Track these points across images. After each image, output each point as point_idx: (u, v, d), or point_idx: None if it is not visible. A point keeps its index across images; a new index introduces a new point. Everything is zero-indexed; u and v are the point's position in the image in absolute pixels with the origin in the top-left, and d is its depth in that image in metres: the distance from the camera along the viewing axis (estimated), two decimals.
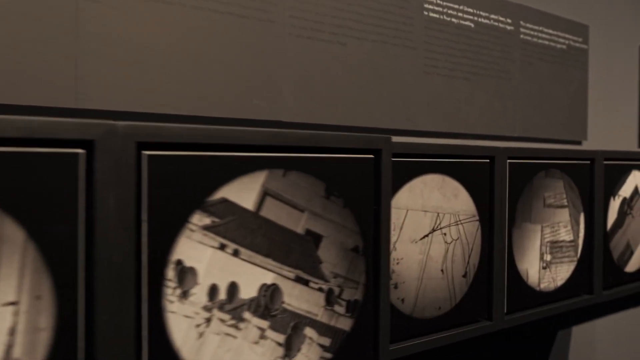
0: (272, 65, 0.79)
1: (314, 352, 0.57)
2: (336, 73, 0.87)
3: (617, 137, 1.41)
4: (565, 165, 0.96)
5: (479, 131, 1.09)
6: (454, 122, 1.05)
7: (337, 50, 0.87)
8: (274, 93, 0.80)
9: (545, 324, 1.21)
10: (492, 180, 0.84)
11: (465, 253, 0.81)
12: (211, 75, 0.74)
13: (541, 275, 0.93)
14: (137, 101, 0.67)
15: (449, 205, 0.79)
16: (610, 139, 1.39)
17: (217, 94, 0.74)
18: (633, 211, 1.10)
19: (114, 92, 0.66)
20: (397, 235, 0.74)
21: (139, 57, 0.67)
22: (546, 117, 1.22)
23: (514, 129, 1.16)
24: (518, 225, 0.89)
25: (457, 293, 0.81)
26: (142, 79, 0.68)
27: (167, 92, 0.70)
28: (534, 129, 1.20)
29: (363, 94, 0.90)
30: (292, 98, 0.82)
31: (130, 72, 0.67)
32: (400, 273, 0.74)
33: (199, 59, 0.72)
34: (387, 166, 0.62)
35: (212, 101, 0.73)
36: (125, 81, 0.66)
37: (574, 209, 0.98)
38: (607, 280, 1.05)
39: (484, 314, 0.85)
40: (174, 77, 0.70)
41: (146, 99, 0.68)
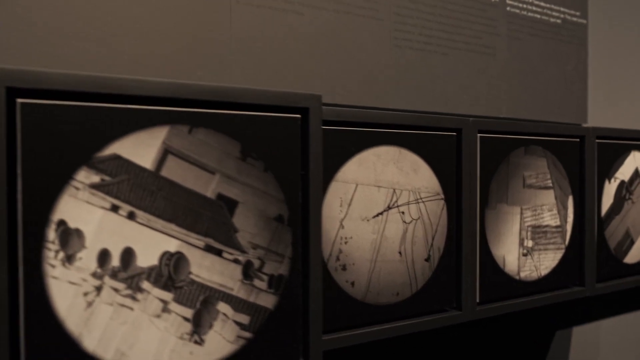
0: (217, 36, 0.75)
1: (229, 330, 0.51)
2: (292, 46, 0.82)
3: (624, 120, 1.32)
4: (550, 143, 0.88)
5: (459, 111, 1.02)
6: (429, 100, 0.98)
7: (292, 20, 0.81)
8: (220, 65, 0.75)
9: (533, 319, 1.12)
10: (459, 156, 0.77)
11: (428, 234, 0.75)
12: (153, 46, 0.69)
13: (521, 262, 0.85)
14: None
15: (407, 181, 0.73)
16: (616, 122, 1.30)
17: (160, 65, 0.69)
18: (633, 196, 1.01)
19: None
20: (345, 212, 0.67)
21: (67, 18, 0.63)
22: (538, 97, 1.14)
23: (500, 109, 1.08)
24: (492, 206, 0.81)
25: (419, 278, 0.74)
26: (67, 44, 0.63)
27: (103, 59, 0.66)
28: (524, 110, 1.12)
29: (323, 69, 0.85)
30: (241, 72, 0.77)
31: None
32: (350, 254, 0.68)
33: (140, 27, 0.68)
34: (316, 128, 0.56)
35: (155, 74, 0.69)
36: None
37: (560, 191, 0.90)
38: (603, 272, 0.96)
39: (452, 302, 0.78)
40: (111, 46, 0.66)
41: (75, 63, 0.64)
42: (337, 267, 0.67)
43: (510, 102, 1.10)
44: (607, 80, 1.30)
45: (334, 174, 0.67)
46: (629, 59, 1.36)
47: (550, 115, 1.16)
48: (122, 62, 0.67)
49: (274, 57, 0.80)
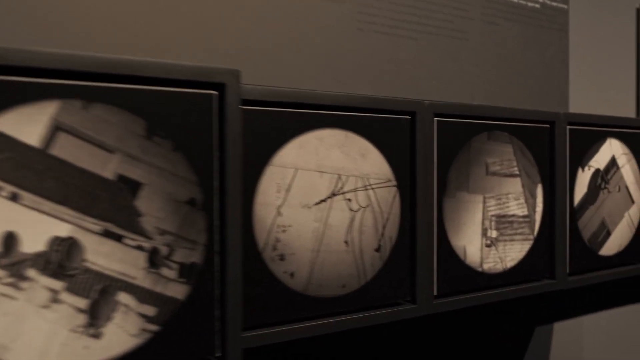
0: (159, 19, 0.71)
1: (131, 323, 0.47)
2: (250, 28, 0.78)
3: (608, 108, 1.26)
4: (516, 128, 0.84)
5: (428, 97, 0.97)
6: (397, 87, 0.94)
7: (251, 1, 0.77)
8: (159, 49, 0.71)
9: (510, 314, 1.07)
10: (413, 141, 0.73)
11: (378, 223, 0.70)
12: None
13: (484, 254, 0.80)
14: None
15: (354, 166, 0.68)
16: (599, 110, 1.24)
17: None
18: (609, 186, 0.96)
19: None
20: (282, 199, 0.63)
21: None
22: (515, 85, 1.09)
23: (472, 97, 1.03)
24: (451, 194, 0.77)
25: (368, 269, 0.69)
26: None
27: None
28: (499, 98, 1.07)
29: (281, 52, 0.81)
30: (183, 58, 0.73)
31: None
32: (288, 243, 0.64)
33: None
34: (234, 105, 0.52)
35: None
36: None
37: (528, 179, 0.85)
38: (577, 265, 0.91)
39: (406, 295, 0.73)
40: None
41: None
42: (273, 257, 0.62)
43: (485, 90, 1.05)
44: (590, 67, 1.25)
45: (270, 157, 0.62)
46: (612, 44, 1.31)
47: (528, 104, 1.12)
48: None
49: (228, 38, 0.76)
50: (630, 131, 1.00)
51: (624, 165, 0.99)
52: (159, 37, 0.72)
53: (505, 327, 1.07)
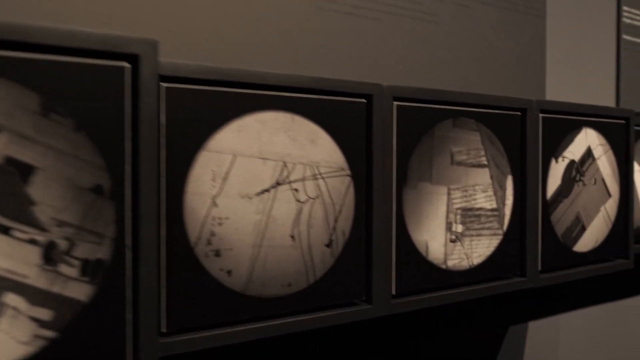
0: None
1: (21, 328, 0.41)
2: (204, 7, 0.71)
3: (588, 99, 1.21)
4: (484, 115, 0.78)
5: (394, 83, 0.91)
6: (360, 71, 0.88)
7: None
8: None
9: (481, 313, 1.02)
10: (370, 127, 0.67)
11: (329, 216, 0.64)
12: None
13: (448, 250, 0.74)
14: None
15: (302, 153, 0.62)
16: (577, 98, 1.19)
17: None
18: (584, 178, 0.91)
19: None
20: (218, 188, 0.57)
21: None
22: (489, 72, 1.04)
23: (444, 83, 0.98)
24: (412, 185, 0.71)
25: (318, 266, 0.64)
26: None
27: None
28: (471, 84, 1.02)
29: (226, 28, 0.74)
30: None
31: None
32: (226, 237, 0.57)
33: None
34: (149, 80, 0.45)
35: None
36: None
37: (497, 170, 0.80)
38: (549, 261, 0.86)
39: (361, 294, 0.67)
40: None
41: None
42: (207, 253, 0.56)
43: (455, 75, 0.99)
44: (568, 55, 1.19)
45: (204, 142, 0.56)
46: (592, 31, 1.26)
47: (503, 92, 1.06)
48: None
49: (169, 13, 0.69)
50: (607, 121, 0.95)
51: (600, 157, 0.94)
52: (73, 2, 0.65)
53: (477, 328, 1.02)
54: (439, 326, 0.95)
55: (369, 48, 0.89)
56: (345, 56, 0.86)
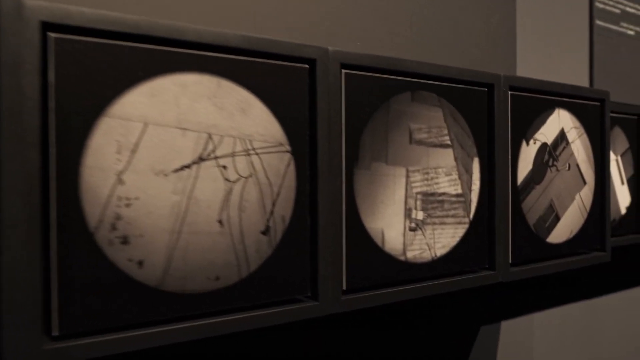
0: None
1: None
2: None
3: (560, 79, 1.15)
4: (447, 89, 0.70)
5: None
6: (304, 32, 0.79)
7: None
8: None
9: (450, 311, 0.94)
10: (314, 96, 0.58)
11: (265, 198, 0.55)
12: None
13: (408, 239, 0.66)
14: None
15: (231, 124, 0.53)
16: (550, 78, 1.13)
17: None
18: (558, 163, 0.84)
19: None
20: (125, 162, 0.47)
21: None
22: (455, 50, 0.96)
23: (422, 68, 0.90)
24: (364, 165, 0.62)
25: (252, 257, 0.54)
26: None
27: None
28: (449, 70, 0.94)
29: None
30: None
31: None
32: (134, 221, 0.48)
33: None
34: (8, 26, 0.36)
35: None
36: None
37: (461, 151, 0.72)
38: (520, 253, 0.78)
39: (305, 290, 0.58)
40: None
41: None
42: (112, 240, 0.47)
43: (420, 56, 0.91)
44: (539, 34, 1.13)
45: (106, 106, 0.47)
46: (564, 9, 1.20)
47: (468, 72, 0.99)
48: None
49: None
50: (582, 102, 0.88)
51: (575, 141, 0.86)
52: None
53: (443, 328, 0.94)
54: (399, 326, 0.86)
55: (316, 8, 0.80)
56: (287, 17, 0.77)
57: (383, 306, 0.65)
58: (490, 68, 1.02)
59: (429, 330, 0.91)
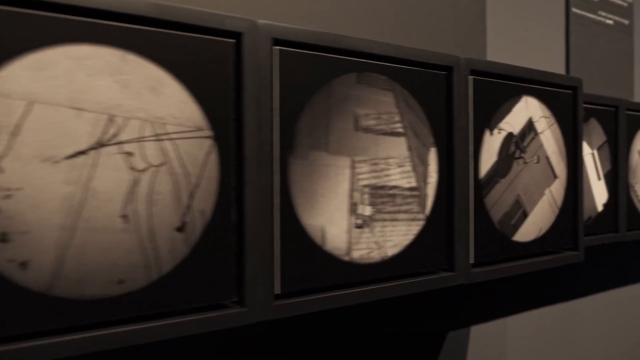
0: None
1: None
2: None
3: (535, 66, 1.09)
4: (400, 72, 0.64)
5: None
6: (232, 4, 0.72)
7: None
8: None
9: (414, 317, 0.87)
10: (240, 75, 0.52)
11: (181, 190, 0.48)
12: None
13: (354, 237, 0.60)
14: None
15: (138, 105, 0.46)
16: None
17: None
18: (525, 155, 0.78)
19: None
20: (4, 146, 0.40)
21: None
22: (419, 34, 0.90)
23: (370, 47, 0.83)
24: (301, 154, 0.56)
25: (165, 258, 0.48)
26: None
27: None
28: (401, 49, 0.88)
29: None
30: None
31: None
32: (17, 215, 0.41)
33: None
34: None
35: None
36: None
37: (416, 140, 0.65)
38: (483, 253, 0.72)
39: (229, 294, 0.52)
40: None
41: None
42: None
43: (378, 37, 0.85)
44: (511, 19, 1.07)
45: None
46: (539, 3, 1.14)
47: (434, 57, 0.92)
48: None
49: None
50: (552, 90, 0.82)
51: (544, 131, 0.81)
52: None
53: (408, 333, 0.88)
54: (354, 334, 0.80)
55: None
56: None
57: (334, 311, 0.59)
58: (458, 54, 0.96)
59: (389, 336, 0.85)
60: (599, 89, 1.22)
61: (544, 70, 0.82)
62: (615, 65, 1.28)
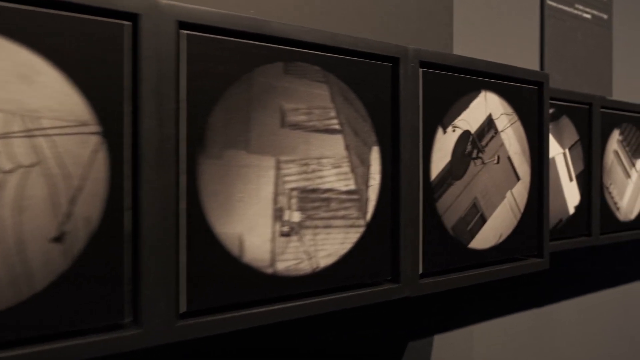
0: None
1: None
2: None
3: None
4: (336, 62, 0.57)
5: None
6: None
7: None
8: None
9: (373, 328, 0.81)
10: (136, 63, 0.45)
11: (59, 195, 0.42)
12: None
13: (278, 247, 0.53)
14: None
15: (5, 95, 0.40)
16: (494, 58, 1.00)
17: None
18: (484, 155, 0.72)
19: None
20: None
21: None
22: (380, 26, 0.84)
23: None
24: (214, 153, 0.49)
25: (38, 273, 0.41)
26: None
27: None
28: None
29: None
30: None
31: None
32: None
33: None
34: None
35: None
36: None
37: (355, 138, 0.59)
38: (434, 262, 0.66)
39: (122, 314, 0.45)
40: None
41: None
42: None
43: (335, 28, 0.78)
44: (479, 11, 1.01)
45: None
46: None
47: None
48: None
49: None
50: (515, 85, 0.76)
51: (506, 129, 0.74)
52: None
53: (365, 344, 0.81)
54: (292, 349, 0.73)
55: None
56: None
57: (269, 327, 0.52)
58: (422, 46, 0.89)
59: (341, 349, 0.78)
60: (575, 86, 1.16)
61: (515, 65, 0.76)
62: (593, 62, 1.22)
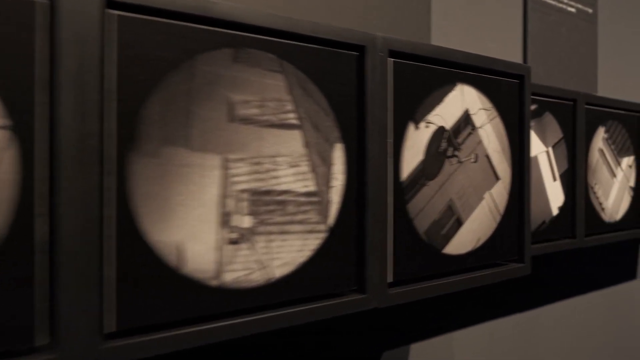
0: None
1: None
2: None
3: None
4: (295, 50, 0.52)
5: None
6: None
7: None
8: None
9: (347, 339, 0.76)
10: (53, 47, 0.39)
11: None
12: None
13: (225, 256, 0.47)
14: None
15: None
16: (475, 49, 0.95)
17: None
18: (460, 153, 0.66)
19: None
20: None
21: None
22: (353, 15, 0.78)
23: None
24: (149, 150, 0.43)
25: None
26: None
27: None
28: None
29: None
30: None
31: None
32: None
33: None
34: None
35: None
36: None
37: (316, 134, 0.53)
38: (404, 269, 0.61)
39: (37, 334, 0.39)
40: None
41: None
42: None
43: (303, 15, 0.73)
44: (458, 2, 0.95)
45: None
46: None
47: None
48: None
49: None
50: (494, 78, 0.71)
51: (484, 126, 0.69)
52: None
53: (336, 356, 0.76)
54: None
55: None
56: None
57: (219, 346, 0.46)
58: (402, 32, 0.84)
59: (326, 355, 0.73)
60: (559, 82, 1.11)
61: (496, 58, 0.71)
62: (578, 57, 1.18)
